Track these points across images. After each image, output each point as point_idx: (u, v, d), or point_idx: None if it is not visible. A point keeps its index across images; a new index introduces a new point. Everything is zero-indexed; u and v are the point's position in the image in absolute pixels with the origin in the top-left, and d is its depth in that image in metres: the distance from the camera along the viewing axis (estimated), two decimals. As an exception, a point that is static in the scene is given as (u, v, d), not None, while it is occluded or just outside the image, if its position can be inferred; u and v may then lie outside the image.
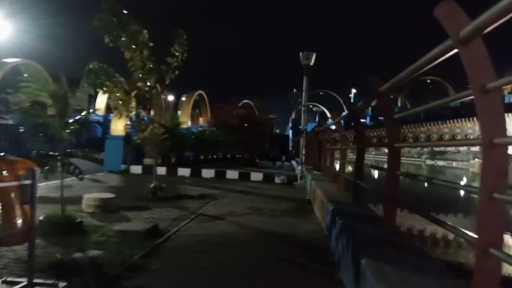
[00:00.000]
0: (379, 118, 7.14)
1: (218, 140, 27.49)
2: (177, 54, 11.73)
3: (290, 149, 42.50)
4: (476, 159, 52.72)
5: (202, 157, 26.89)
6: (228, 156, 31.60)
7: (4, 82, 20.32)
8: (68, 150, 7.54)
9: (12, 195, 4.35)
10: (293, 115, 50.16)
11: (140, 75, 11.42)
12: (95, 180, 14.57)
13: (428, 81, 48.43)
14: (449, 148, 53.74)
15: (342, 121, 10.97)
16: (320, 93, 46.04)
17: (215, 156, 29.19)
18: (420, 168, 55.84)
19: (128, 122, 17.65)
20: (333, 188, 9.57)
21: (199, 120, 40.15)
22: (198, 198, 11.54)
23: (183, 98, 38.42)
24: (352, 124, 7.48)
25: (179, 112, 34.81)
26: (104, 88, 11.69)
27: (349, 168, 10.12)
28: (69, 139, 7.33)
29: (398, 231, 5.00)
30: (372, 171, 24.71)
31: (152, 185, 11.32)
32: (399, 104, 48.43)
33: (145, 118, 14.24)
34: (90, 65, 11.20)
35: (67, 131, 7.22)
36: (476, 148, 51.36)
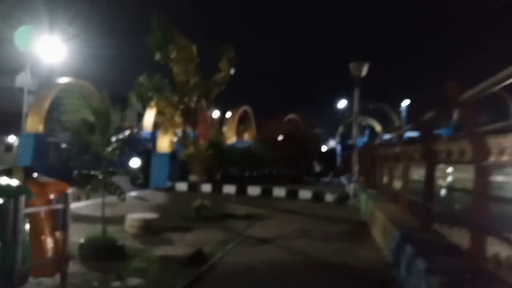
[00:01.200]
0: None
1: (263, 156, 26.93)
2: (224, 69, 11.42)
3: (338, 164, 41.16)
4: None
5: (247, 173, 26.40)
6: (274, 172, 30.94)
7: (58, 102, 21.10)
8: (110, 169, 7.21)
9: (43, 221, 3.96)
10: (340, 129, 48.64)
11: (187, 90, 11.19)
12: (140, 198, 14.40)
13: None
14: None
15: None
16: (370, 106, 44.41)
17: (260, 173, 28.61)
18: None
19: (174, 139, 17.51)
20: (395, 210, 8.62)
21: (245, 136, 39.95)
22: (245, 218, 10.94)
23: (228, 114, 38.41)
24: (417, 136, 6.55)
25: (224, 128, 34.70)
26: (152, 102, 11.57)
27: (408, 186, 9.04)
28: (112, 157, 6.99)
29: (488, 267, 4.11)
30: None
31: (197, 204, 10.87)
32: (454, 117, 45.46)
33: (191, 135, 13.95)
34: (140, 78, 11.14)
35: (109, 149, 6.89)
36: None
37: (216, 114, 59.14)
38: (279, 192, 16.81)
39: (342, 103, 52.83)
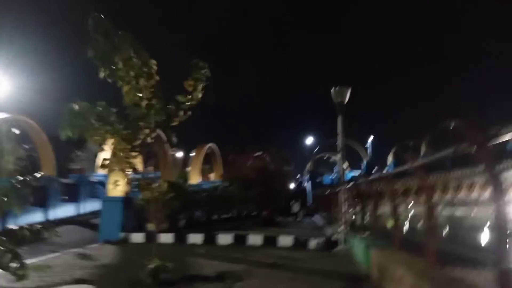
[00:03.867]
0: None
1: (232, 196, 24.43)
2: (191, 89, 9.04)
3: (309, 203, 39.11)
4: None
5: (215, 217, 23.69)
6: (244, 214, 28.37)
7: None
8: (11, 228, 4.65)
9: None
10: (309, 166, 47.03)
11: (139, 114, 8.68)
12: (83, 256, 11.49)
13: (452, 126, 45.33)
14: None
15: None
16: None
17: (229, 215, 25.95)
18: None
19: (127, 181, 14.89)
20: (417, 263, 6.45)
21: (211, 176, 37.32)
22: (217, 280, 8.43)
23: (193, 154, 35.88)
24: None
25: (189, 169, 32.08)
26: (91, 134, 8.92)
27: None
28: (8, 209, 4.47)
29: None
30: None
31: (153, 265, 8.24)
32: (423, 151, 45.07)
33: (148, 175, 11.42)
34: (73, 105, 8.55)
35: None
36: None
37: (179, 154, 56.39)
38: (254, 239, 14.29)
39: (309, 140, 51.73)
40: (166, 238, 14.34)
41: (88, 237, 16.36)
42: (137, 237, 15.15)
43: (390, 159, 52.25)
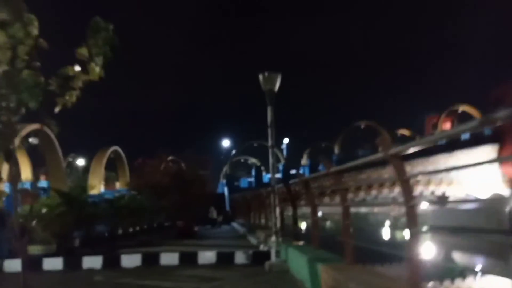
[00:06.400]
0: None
1: (141, 207, 21.36)
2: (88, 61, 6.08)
3: (227, 209, 37.06)
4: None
5: (120, 231, 20.41)
6: (156, 225, 25.33)
7: None
8: None
9: None
10: (225, 169, 45.02)
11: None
12: None
13: (362, 126, 47.21)
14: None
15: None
16: (255, 144, 41.98)
17: (138, 228, 22.77)
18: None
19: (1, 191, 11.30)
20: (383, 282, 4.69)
21: (116, 184, 33.37)
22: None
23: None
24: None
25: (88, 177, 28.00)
26: None
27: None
28: None
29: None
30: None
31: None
32: (336, 151, 46.08)
33: (34, 185, 8.42)
34: None
35: None
36: (394, 194, 50.52)
37: (80, 162, 50.65)
38: (169, 258, 11.67)
39: (225, 142, 49.92)
40: (54, 263, 11.19)
41: None
42: (14, 265, 11.62)
43: (304, 160, 52.75)
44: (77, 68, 5.58)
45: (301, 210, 12.23)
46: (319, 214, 11.36)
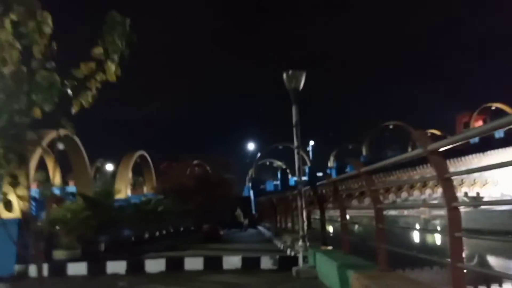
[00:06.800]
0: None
1: (167, 211, 21.27)
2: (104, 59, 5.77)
3: (253, 212, 36.73)
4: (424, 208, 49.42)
5: (147, 235, 20.37)
6: (182, 229, 25.25)
7: None
8: None
9: None
10: (251, 173, 44.76)
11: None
12: None
13: (391, 126, 46.06)
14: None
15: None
16: (280, 147, 41.59)
17: (164, 232, 22.71)
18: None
19: (27, 196, 11.30)
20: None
21: (143, 189, 33.59)
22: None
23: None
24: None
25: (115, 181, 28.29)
26: None
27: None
28: None
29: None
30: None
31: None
32: (364, 152, 45.08)
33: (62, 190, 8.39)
34: None
35: None
36: (425, 195, 49.09)
37: (108, 166, 51.47)
38: (193, 263, 11.39)
39: (250, 146, 49.71)
40: (78, 268, 11.10)
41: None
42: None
43: (331, 162, 51.86)
44: (92, 66, 5.29)
45: (328, 214, 11.77)
46: (347, 217, 10.92)
